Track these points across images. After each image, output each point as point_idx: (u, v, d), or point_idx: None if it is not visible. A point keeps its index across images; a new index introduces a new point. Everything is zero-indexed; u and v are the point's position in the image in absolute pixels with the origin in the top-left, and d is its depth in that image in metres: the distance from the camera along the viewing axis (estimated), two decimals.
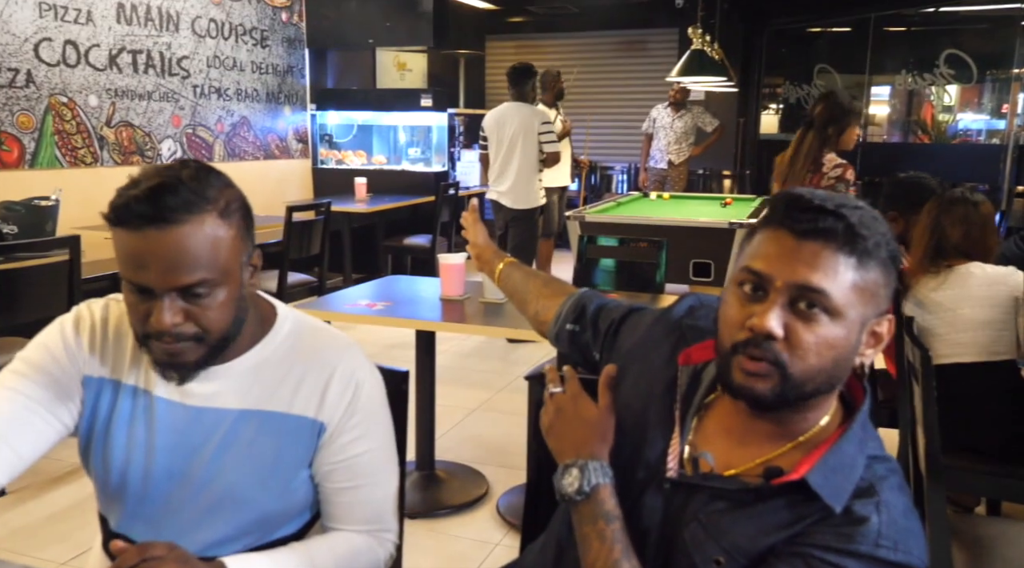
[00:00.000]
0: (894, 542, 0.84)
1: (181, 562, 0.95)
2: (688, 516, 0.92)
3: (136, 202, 0.96)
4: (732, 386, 0.90)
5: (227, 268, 1.02)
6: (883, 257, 0.87)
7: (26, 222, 3.31)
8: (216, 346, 1.05)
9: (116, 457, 1.12)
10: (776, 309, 0.85)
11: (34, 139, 4.40)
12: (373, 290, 2.94)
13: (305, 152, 6.67)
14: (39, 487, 2.88)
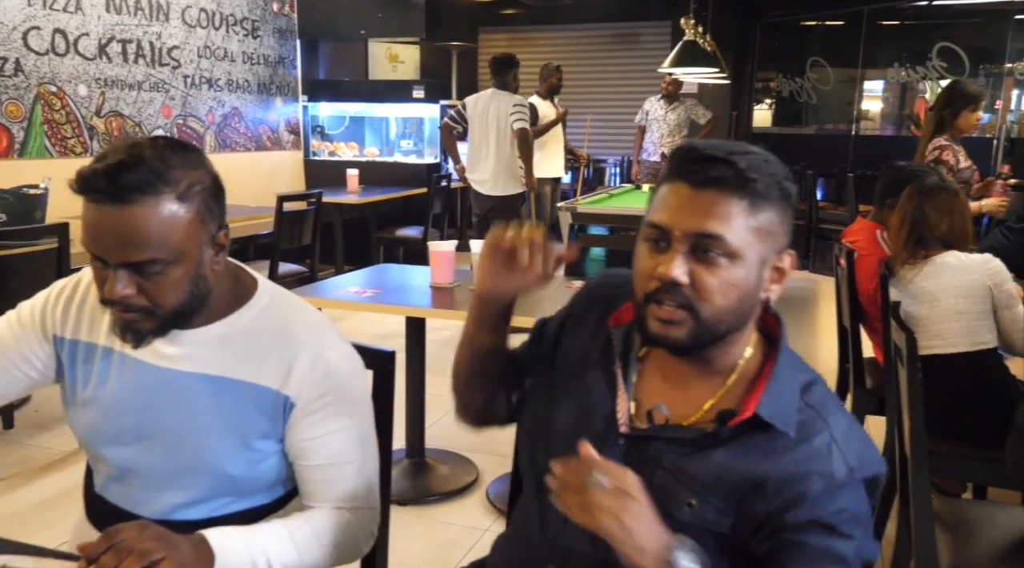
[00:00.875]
0: (859, 461, 0.91)
1: (155, 539, 0.96)
2: (651, 466, 0.95)
3: (96, 177, 0.99)
4: (649, 335, 0.95)
5: (181, 249, 1.03)
6: (776, 197, 0.92)
7: (15, 210, 3.30)
8: (168, 319, 1.08)
9: (93, 416, 1.17)
10: (678, 257, 0.90)
11: (23, 129, 4.38)
12: (363, 278, 2.94)
13: (297, 144, 6.65)
14: (28, 475, 2.88)
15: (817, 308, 5.64)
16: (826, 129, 8.17)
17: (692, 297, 0.90)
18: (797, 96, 8.07)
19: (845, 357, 2.83)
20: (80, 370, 1.18)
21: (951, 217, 2.25)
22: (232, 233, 1.14)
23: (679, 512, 0.93)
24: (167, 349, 1.14)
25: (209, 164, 1.09)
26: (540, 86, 5.86)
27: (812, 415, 0.94)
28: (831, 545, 0.88)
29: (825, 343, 4.47)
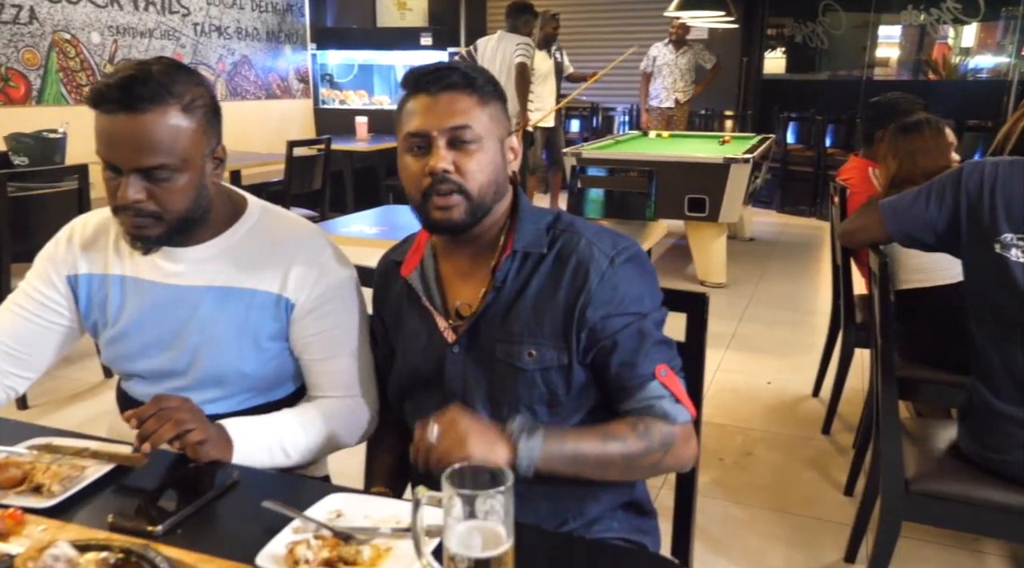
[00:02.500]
0: (615, 248, 1.12)
1: (192, 413, 1.10)
2: (488, 347, 1.14)
3: (109, 89, 1.09)
4: (433, 225, 1.13)
5: (187, 157, 1.14)
6: (492, 92, 1.13)
7: (35, 153, 3.41)
8: (175, 225, 1.18)
9: (118, 339, 1.30)
10: (441, 151, 1.08)
11: (39, 76, 4.47)
12: (371, 217, 3.05)
13: (306, 92, 6.70)
14: (57, 403, 3.05)
15: (821, 254, 5.70)
16: (839, 75, 8.09)
17: (459, 181, 1.09)
18: (809, 41, 7.97)
19: (837, 294, 2.92)
20: (96, 300, 1.30)
21: (928, 153, 2.28)
22: (244, 180, 1.25)
23: (526, 364, 1.12)
24: (172, 267, 1.25)
25: (209, 85, 1.20)
26: (536, 35, 5.87)
27: (567, 236, 1.15)
28: (629, 327, 1.10)
29: (825, 287, 4.55)
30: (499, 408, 1.13)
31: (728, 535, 2.22)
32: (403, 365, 1.24)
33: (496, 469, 0.78)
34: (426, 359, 1.19)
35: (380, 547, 0.90)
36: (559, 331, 1.11)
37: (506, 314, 1.13)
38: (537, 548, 0.88)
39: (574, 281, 1.11)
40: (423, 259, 1.22)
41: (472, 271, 1.18)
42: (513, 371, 1.12)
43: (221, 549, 0.90)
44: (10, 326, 1.30)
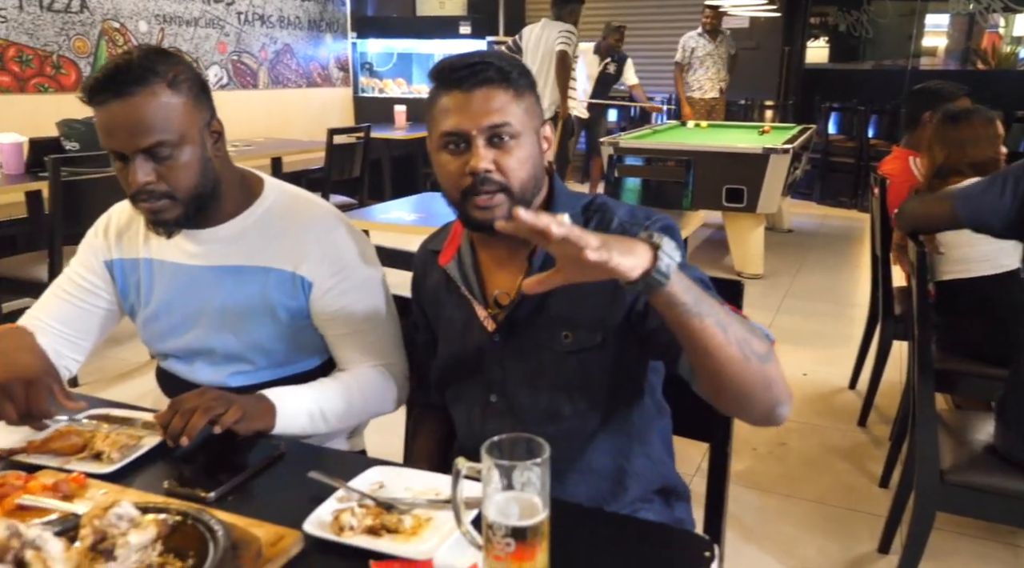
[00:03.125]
0: (648, 221, 1.11)
1: (215, 397, 1.12)
2: (528, 333, 1.13)
3: (97, 82, 1.16)
4: (475, 224, 1.11)
5: (183, 131, 1.19)
6: (526, 84, 1.11)
7: (86, 139, 3.51)
8: (190, 204, 1.23)
9: (150, 320, 1.38)
10: (481, 150, 1.06)
11: (89, 63, 4.59)
12: (409, 204, 3.09)
13: (346, 80, 6.77)
14: (106, 382, 3.16)
15: (861, 246, 5.61)
16: (883, 65, 7.93)
17: (501, 180, 1.07)
18: (853, 30, 7.82)
19: (876, 285, 2.89)
20: (130, 284, 1.38)
21: (978, 144, 2.25)
22: (285, 167, 1.30)
23: (563, 346, 1.12)
24: (194, 248, 1.32)
25: (189, 63, 1.24)
26: (600, 41, 6.02)
27: (599, 216, 1.14)
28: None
29: (865, 279, 4.49)
30: (539, 393, 1.14)
31: (761, 524, 2.23)
32: (443, 352, 1.25)
33: (533, 441, 0.80)
34: (466, 347, 1.20)
35: (420, 517, 0.94)
36: (596, 312, 1.11)
37: (543, 299, 1.13)
38: (572, 523, 0.90)
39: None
40: (460, 248, 1.22)
41: (509, 259, 1.18)
42: (552, 355, 1.13)
43: (269, 515, 0.94)
44: (57, 310, 1.37)
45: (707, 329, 0.91)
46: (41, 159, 3.47)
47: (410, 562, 0.87)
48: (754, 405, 0.98)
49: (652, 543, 0.95)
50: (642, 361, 1.17)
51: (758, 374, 0.95)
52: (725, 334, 0.92)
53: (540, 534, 0.80)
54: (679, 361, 1.06)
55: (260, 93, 5.74)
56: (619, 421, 1.16)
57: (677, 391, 1.27)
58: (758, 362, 0.94)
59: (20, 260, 3.24)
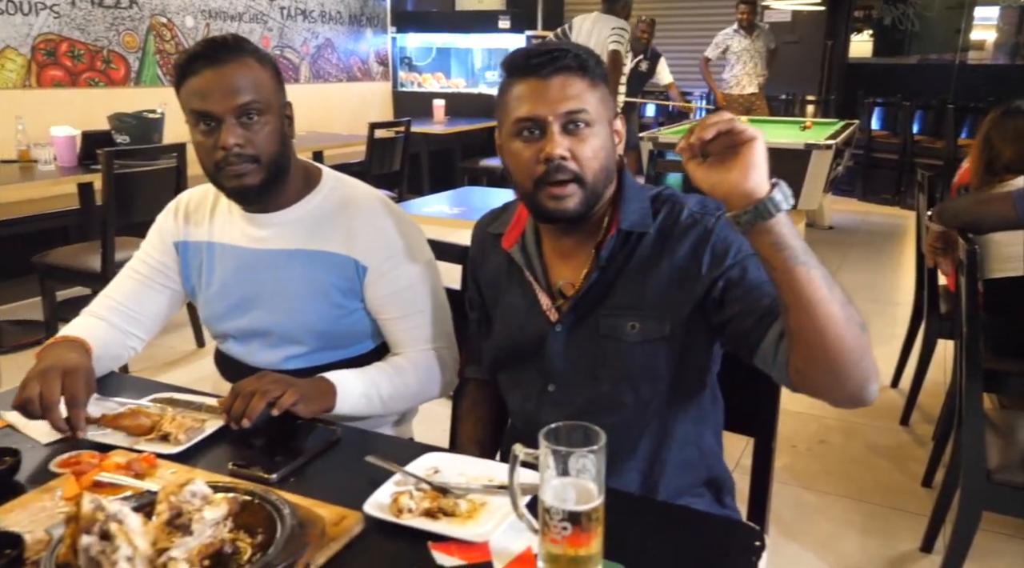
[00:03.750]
0: (717, 208, 1.11)
1: (273, 381, 1.16)
2: (591, 323, 1.14)
3: (192, 54, 1.26)
4: (546, 215, 1.11)
5: (269, 100, 1.28)
6: (601, 74, 1.11)
7: (136, 132, 3.60)
8: (270, 171, 1.30)
9: (211, 300, 1.44)
10: (557, 137, 1.06)
11: (138, 58, 4.70)
12: (449, 198, 3.12)
13: (386, 75, 6.83)
14: (155, 369, 3.24)
15: (904, 244, 5.53)
16: (929, 59, 7.78)
17: (575, 169, 1.07)
18: (899, 23, 7.68)
19: (921, 283, 2.86)
20: (194, 265, 1.44)
21: (1020, 143, 2.21)
22: (326, 161, 1.35)
23: (629, 336, 1.12)
24: (256, 232, 1.38)
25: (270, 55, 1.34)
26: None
27: (668, 207, 1.15)
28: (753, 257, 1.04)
29: (908, 277, 4.43)
30: (600, 383, 1.15)
31: (800, 520, 2.23)
32: (502, 337, 1.25)
33: (589, 429, 0.83)
34: (526, 334, 1.20)
35: (475, 501, 0.97)
36: (663, 302, 1.11)
37: (609, 289, 1.14)
38: (624, 511, 0.92)
39: (685, 249, 1.10)
40: (524, 234, 1.22)
41: (575, 251, 1.18)
42: (616, 345, 1.13)
43: (330, 497, 0.97)
44: (127, 289, 1.44)
45: (814, 281, 0.88)
46: (92, 152, 3.58)
47: (467, 544, 0.90)
48: (847, 377, 0.93)
49: (703, 532, 0.97)
50: (707, 353, 1.16)
51: (856, 341, 0.91)
52: (830, 290, 0.89)
53: (595, 520, 0.82)
54: (758, 349, 1.03)
55: (301, 87, 5.82)
56: (677, 412, 1.17)
57: (723, 385, 1.28)
58: (858, 329, 0.91)
59: (74, 249, 3.35)
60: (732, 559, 0.89)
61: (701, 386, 1.18)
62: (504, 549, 0.90)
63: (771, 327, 1.01)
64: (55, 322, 3.31)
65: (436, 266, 1.44)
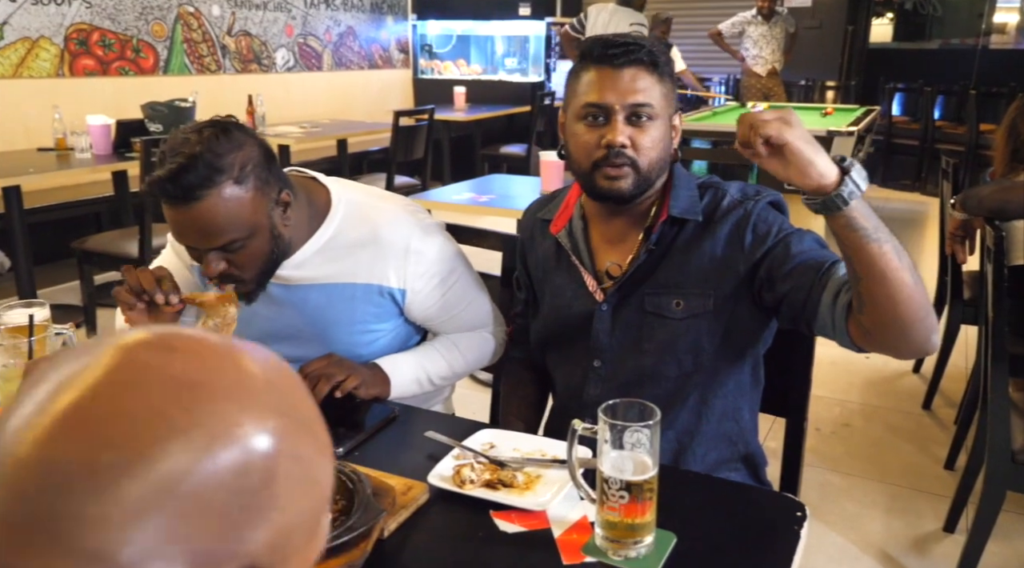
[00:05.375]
0: (757, 193, 1.18)
1: (337, 365, 1.24)
2: (636, 302, 1.21)
3: (163, 183, 1.10)
4: (600, 193, 1.18)
5: (252, 223, 1.17)
6: (668, 71, 1.18)
7: (168, 121, 3.68)
8: (263, 279, 1.25)
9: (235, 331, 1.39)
10: (620, 126, 1.13)
11: (166, 47, 4.77)
12: (477, 186, 3.18)
13: (406, 62, 6.88)
14: None
15: (925, 230, 5.53)
16: (951, 43, 7.72)
17: (633, 156, 1.14)
18: (921, 8, 7.63)
19: (944, 271, 2.89)
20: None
21: None
22: (349, 148, 1.35)
23: (674, 313, 1.18)
24: (280, 272, 1.30)
25: (254, 135, 1.19)
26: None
27: (712, 192, 1.21)
28: (795, 233, 1.13)
29: (929, 263, 4.44)
30: (645, 356, 1.20)
31: (825, 501, 2.28)
32: (549, 318, 1.31)
33: (645, 406, 0.89)
34: (573, 314, 1.26)
35: (531, 474, 1.03)
36: (706, 278, 1.17)
37: (654, 270, 1.20)
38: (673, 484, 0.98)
39: (727, 232, 1.16)
40: (572, 219, 1.28)
41: (622, 237, 1.24)
42: (661, 321, 1.19)
43: (392, 470, 1.04)
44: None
45: (886, 255, 0.94)
46: (126, 140, 3.66)
47: (527, 512, 0.96)
48: (916, 333, 0.98)
49: (748, 504, 1.03)
50: (753, 331, 1.22)
51: (923, 300, 0.97)
52: (900, 260, 0.95)
53: (650, 490, 0.88)
54: (816, 320, 1.08)
55: (324, 75, 5.88)
56: (718, 386, 1.22)
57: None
58: (923, 290, 0.97)
59: (111, 236, 3.43)
60: (778, 529, 0.95)
61: (743, 362, 1.24)
62: (561, 517, 0.96)
63: (822, 297, 1.06)
64: (93, 306, 3.41)
65: (463, 254, 1.44)
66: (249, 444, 0.40)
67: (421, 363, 1.36)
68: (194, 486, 0.38)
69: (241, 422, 0.40)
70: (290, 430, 0.42)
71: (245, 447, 0.40)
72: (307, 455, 0.43)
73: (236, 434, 0.40)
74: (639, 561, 0.88)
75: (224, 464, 0.39)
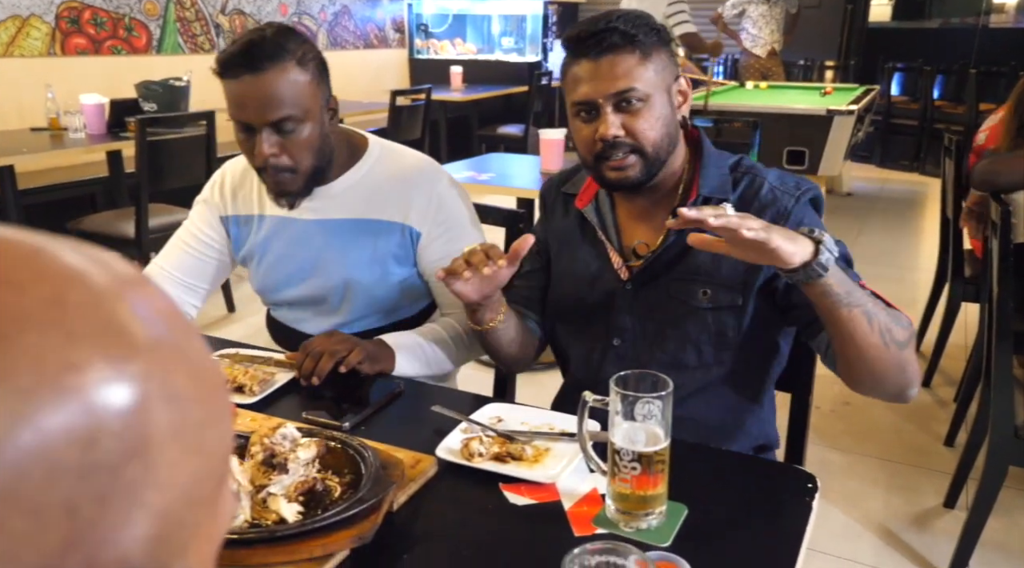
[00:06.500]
0: (798, 189, 1.15)
1: (341, 341, 1.23)
2: (662, 285, 1.18)
3: (233, 56, 1.22)
4: (610, 184, 1.17)
5: (308, 107, 1.25)
6: (655, 41, 1.12)
7: (163, 100, 3.63)
8: (309, 176, 1.31)
9: (266, 270, 1.47)
10: (609, 118, 1.10)
11: (159, 26, 4.71)
12: (474, 165, 3.15)
13: (402, 42, 6.81)
14: None
15: (924, 210, 5.53)
16: (951, 23, 7.68)
17: (632, 143, 1.11)
18: None
19: (945, 249, 2.88)
20: (244, 237, 1.47)
21: None
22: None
23: (700, 303, 1.15)
24: (307, 204, 1.38)
25: (313, 43, 1.30)
26: None
27: (749, 178, 1.17)
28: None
29: (928, 243, 4.44)
30: (666, 342, 1.18)
31: (825, 478, 2.26)
32: (568, 292, 1.27)
33: (657, 377, 0.88)
34: (595, 290, 1.23)
35: (540, 447, 1.02)
36: (738, 273, 1.13)
37: (683, 254, 1.16)
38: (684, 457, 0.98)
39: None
40: (598, 194, 1.25)
41: (650, 214, 1.21)
42: (685, 309, 1.16)
43: (399, 443, 1.03)
44: (178, 260, 1.48)
45: (855, 319, 0.98)
46: (121, 120, 3.62)
47: (536, 485, 0.96)
48: (887, 386, 1.05)
49: (759, 476, 1.02)
50: (777, 326, 1.19)
51: (895, 360, 1.01)
52: (870, 324, 0.99)
53: (662, 462, 0.87)
54: (817, 338, 1.11)
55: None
56: (739, 378, 1.20)
57: None
58: (896, 349, 1.01)
59: (107, 217, 3.40)
60: (789, 501, 0.94)
61: (767, 355, 1.21)
62: (571, 490, 0.95)
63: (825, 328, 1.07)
64: None
65: (479, 224, 1.47)
66: (94, 396, 0.26)
67: (426, 341, 1.35)
68: (3, 474, 0.24)
69: (75, 362, 0.26)
70: (160, 365, 0.28)
71: (87, 402, 0.26)
72: (190, 396, 0.30)
73: (68, 383, 0.26)
74: (651, 533, 0.87)
75: (52, 434, 0.25)
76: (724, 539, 0.88)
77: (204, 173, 3.31)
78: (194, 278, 1.48)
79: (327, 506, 0.85)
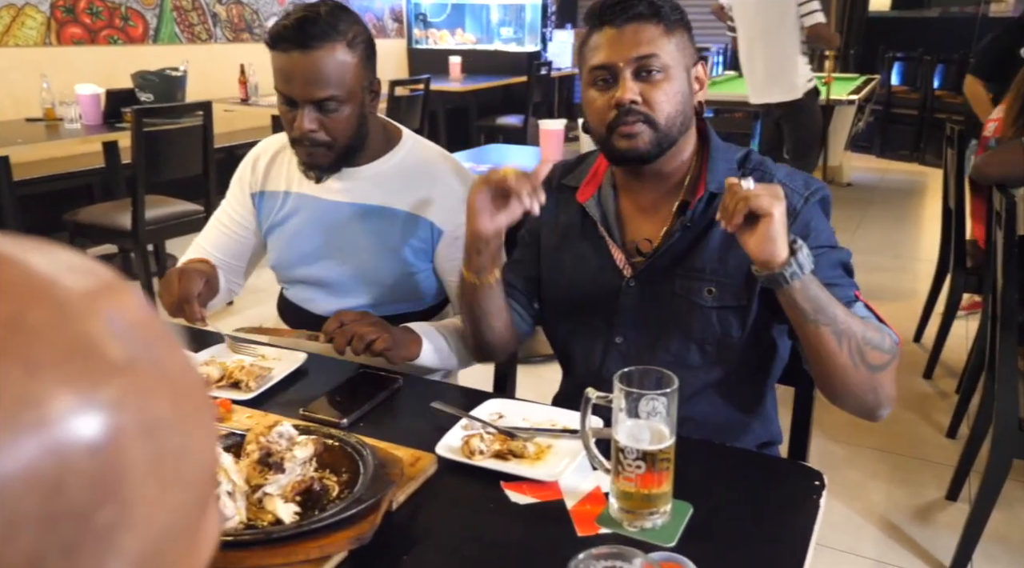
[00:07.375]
0: (807, 189, 1.12)
1: (372, 324, 1.20)
2: (667, 282, 1.15)
3: (286, 30, 1.24)
4: (618, 154, 1.13)
5: (351, 89, 1.28)
6: (678, 19, 1.12)
7: (160, 91, 3.60)
8: (342, 153, 1.33)
9: (284, 245, 1.48)
10: (628, 82, 1.08)
11: (156, 15, 4.67)
12: (474, 156, 3.13)
13: (400, 32, 6.76)
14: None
15: (924, 200, 5.51)
16: (950, 12, 7.64)
17: (646, 111, 1.09)
18: None
19: (947, 240, 2.87)
20: (270, 213, 1.48)
21: None
22: None
23: (704, 301, 1.13)
24: (334, 184, 1.41)
25: (364, 24, 1.32)
26: None
27: (758, 175, 1.13)
28: (826, 255, 1.07)
29: (929, 233, 4.43)
30: (669, 340, 1.16)
31: (828, 470, 2.23)
32: (568, 288, 1.24)
33: (662, 374, 0.86)
34: (597, 287, 1.20)
35: (542, 444, 1.01)
36: (744, 273, 1.10)
37: (689, 250, 1.13)
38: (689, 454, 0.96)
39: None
40: (601, 188, 1.22)
41: (655, 208, 1.18)
42: (689, 306, 1.13)
43: (398, 441, 1.01)
44: (215, 239, 1.51)
45: (821, 336, 0.99)
46: (117, 110, 3.59)
47: (538, 483, 0.94)
48: (854, 403, 1.06)
49: (766, 474, 1.01)
50: (778, 326, 1.17)
51: (865, 381, 1.02)
52: (839, 343, 0.99)
53: (667, 460, 0.86)
54: (798, 345, 1.09)
55: None
56: (742, 378, 1.18)
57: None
58: (867, 371, 1.01)
59: (103, 208, 3.37)
60: (796, 499, 0.93)
61: (771, 357, 1.19)
62: (574, 488, 0.94)
63: None
64: None
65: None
66: (57, 434, 0.23)
67: (446, 333, 1.33)
68: None
69: (36, 395, 0.23)
70: (135, 389, 0.25)
71: (49, 441, 0.23)
72: (169, 421, 0.26)
73: (26, 421, 0.22)
74: (655, 532, 0.86)
75: (9, 481, 0.22)
76: (730, 539, 0.86)
77: (201, 164, 3.29)
78: (230, 256, 1.51)
79: (324, 506, 0.84)
